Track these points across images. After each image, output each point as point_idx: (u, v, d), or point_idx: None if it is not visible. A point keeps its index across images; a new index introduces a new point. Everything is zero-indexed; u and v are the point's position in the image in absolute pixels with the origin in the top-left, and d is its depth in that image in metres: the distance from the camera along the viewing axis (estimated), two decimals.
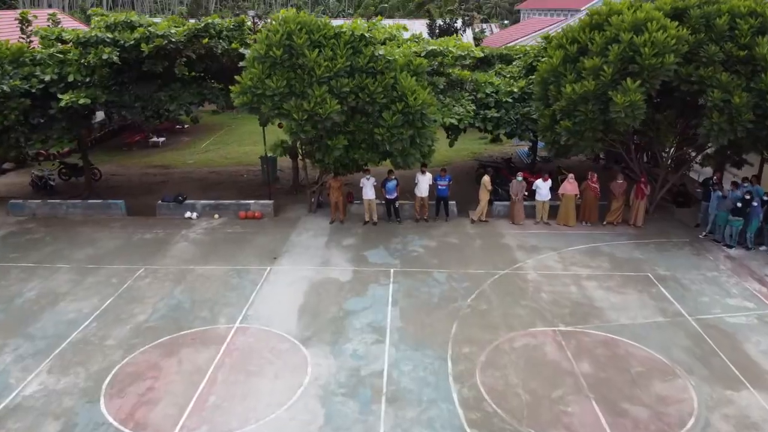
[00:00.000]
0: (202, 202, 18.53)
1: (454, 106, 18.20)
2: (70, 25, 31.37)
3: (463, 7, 51.14)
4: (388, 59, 15.60)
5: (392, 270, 14.45)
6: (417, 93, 15.43)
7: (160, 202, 18.56)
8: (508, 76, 21.13)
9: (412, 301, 12.88)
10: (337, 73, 15.00)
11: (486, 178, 17.47)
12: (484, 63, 22.97)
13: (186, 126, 32.39)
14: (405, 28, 19.86)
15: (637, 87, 14.42)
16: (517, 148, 27.25)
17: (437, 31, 40.60)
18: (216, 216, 18.24)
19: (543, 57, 20.09)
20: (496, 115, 18.78)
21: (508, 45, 29.64)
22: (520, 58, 22.44)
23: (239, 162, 26.04)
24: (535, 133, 18.99)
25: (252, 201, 18.55)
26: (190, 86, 18.90)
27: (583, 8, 54.22)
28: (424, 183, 17.53)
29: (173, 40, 17.12)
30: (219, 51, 18.56)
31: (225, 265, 14.78)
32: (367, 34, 15.66)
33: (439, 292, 13.28)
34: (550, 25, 44.15)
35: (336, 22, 16.74)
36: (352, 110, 15.70)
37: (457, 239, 16.46)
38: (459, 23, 42.01)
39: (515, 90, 19.37)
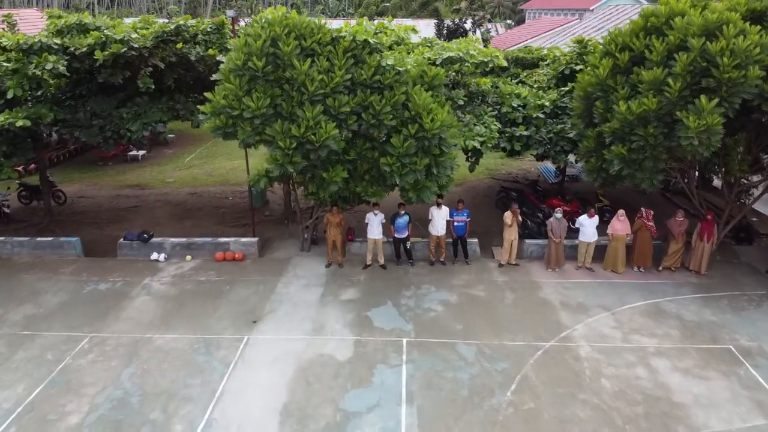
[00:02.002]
0: (173, 240, 15.33)
1: (475, 125, 15.09)
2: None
3: (472, 6, 48.08)
4: (398, 70, 12.45)
5: (405, 340, 11.35)
6: (434, 112, 12.33)
7: (121, 240, 15.42)
8: (536, 86, 18.06)
9: (433, 396, 9.75)
10: (334, 89, 11.84)
11: (508, 214, 14.32)
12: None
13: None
14: (414, 30, 16.84)
15: (714, 107, 11.38)
16: (539, 164, 24.12)
17: (445, 32, 37.55)
18: (188, 258, 15.12)
19: (579, 65, 17.15)
20: (525, 133, 15.73)
21: (520, 46, 26.55)
22: (548, 64, 19.33)
23: (225, 181, 23.03)
24: (569, 153, 15.95)
25: (232, 239, 15.41)
26: (159, 100, 15.86)
27: (593, 7, 51.39)
28: (440, 219, 14.43)
29: (135, 46, 14.05)
30: (193, 58, 15.55)
31: (191, 333, 11.65)
32: (371, 40, 12.49)
33: (469, 379, 10.16)
34: (561, 24, 41.19)
35: (336, 24, 13.66)
36: (353, 135, 12.58)
37: (484, 291, 13.35)
38: (468, 23, 38.90)
39: (546, 103, 16.34)
